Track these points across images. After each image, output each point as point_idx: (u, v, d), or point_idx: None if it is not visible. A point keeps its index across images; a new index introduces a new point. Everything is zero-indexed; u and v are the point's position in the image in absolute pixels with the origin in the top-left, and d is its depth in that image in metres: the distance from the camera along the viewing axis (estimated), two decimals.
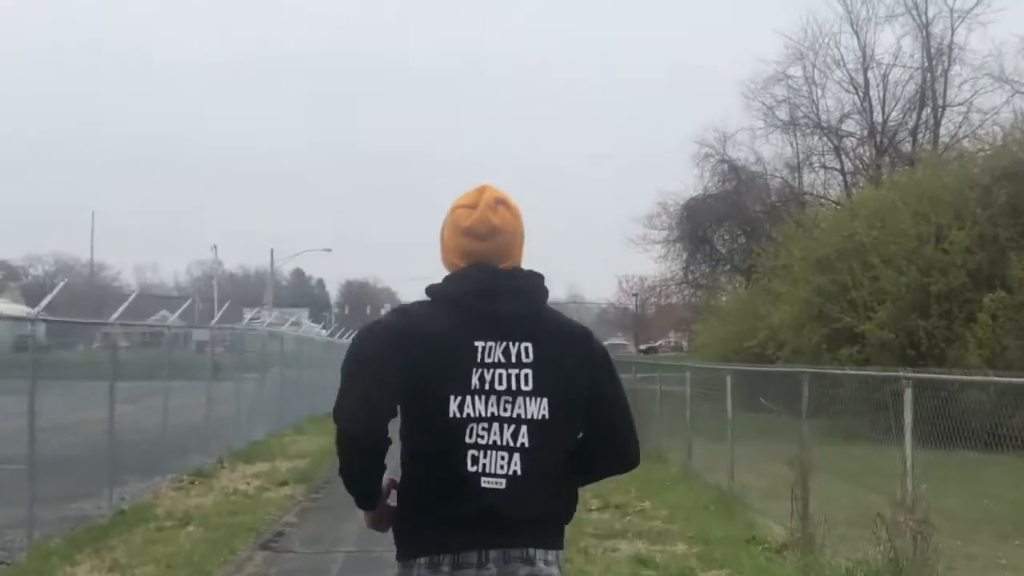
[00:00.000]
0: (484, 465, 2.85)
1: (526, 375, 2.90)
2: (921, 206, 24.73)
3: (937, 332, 23.08)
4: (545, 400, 2.90)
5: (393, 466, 2.97)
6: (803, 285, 26.15)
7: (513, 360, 2.91)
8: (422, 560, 2.86)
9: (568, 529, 3.11)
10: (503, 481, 2.85)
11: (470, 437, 2.85)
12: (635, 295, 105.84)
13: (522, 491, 2.85)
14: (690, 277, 44.92)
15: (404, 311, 3.03)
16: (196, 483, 14.82)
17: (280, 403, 23.78)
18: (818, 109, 40.34)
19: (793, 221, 30.69)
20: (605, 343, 3.68)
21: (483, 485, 2.84)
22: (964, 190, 24.50)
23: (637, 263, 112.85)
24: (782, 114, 40.65)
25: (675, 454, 16.51)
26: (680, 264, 45.77)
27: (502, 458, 2.86)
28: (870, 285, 24.06)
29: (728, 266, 44.61)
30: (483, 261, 3.00)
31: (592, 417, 3.04)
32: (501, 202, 3.06)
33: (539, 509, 2.90)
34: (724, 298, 38.54)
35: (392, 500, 3.05)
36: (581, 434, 3.06)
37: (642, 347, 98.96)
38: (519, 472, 2.85)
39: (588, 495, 13.74)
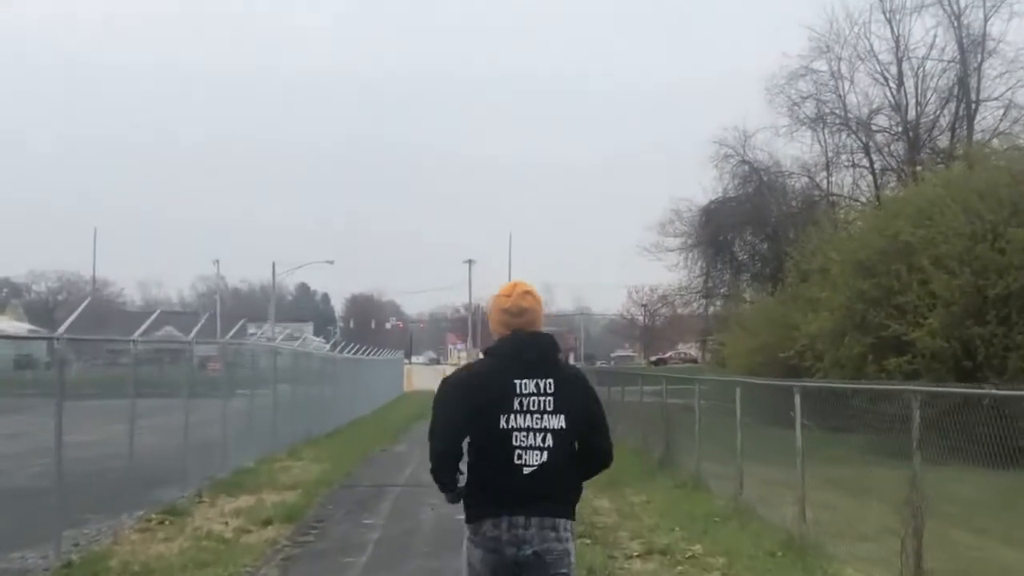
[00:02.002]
0: (525, 459, 4.62)
1: (550, 400, 4.69)
2: (972, 203, 22.56)
3: (995, 340, 20.89)
4: (563, 416, 4.69)
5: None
6: (843, 290, 23.96)
7: (542, 391, 4.70)
8: (488, 521, 4.63)
9: None
10: (536, 467, 4.61)
11: (516, 441, 4.63)
12: (644, 306, 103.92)
13: (548, 474, 4.61)
14: (710, 284, 42.67)
15: (468, 367, 5.12)
16: (166, 523, 12.70)
17: (273, 424, 21.61)
18: (845, 105, 38.23)
19: (830, 221, 28.50)
20: (612, 354, 44.64)
21: (524, 472, 4.61)
22: (1020, 185, 22.36)
23: (649, 273, 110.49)
24: (808, 110, 38.53)
25: (719, 483, 14.38)
26: (697, 271, 43.67)
27: (536, 454, 4.62)
28: (919, 289, 21.90)
29: (749, 273, 42.36)
30: (517, 330, 4.85)
31: (584, 429, 4.79)
32: (528, 293, 4.93)
33: (559, 488, 4.67)
34: (747, 306, 36.16)
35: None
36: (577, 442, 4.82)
37: (652, 359, 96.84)
38: (546, 461, 4.62)
39: (627, 536, 11.62)
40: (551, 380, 4.67)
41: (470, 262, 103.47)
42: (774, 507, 12.29)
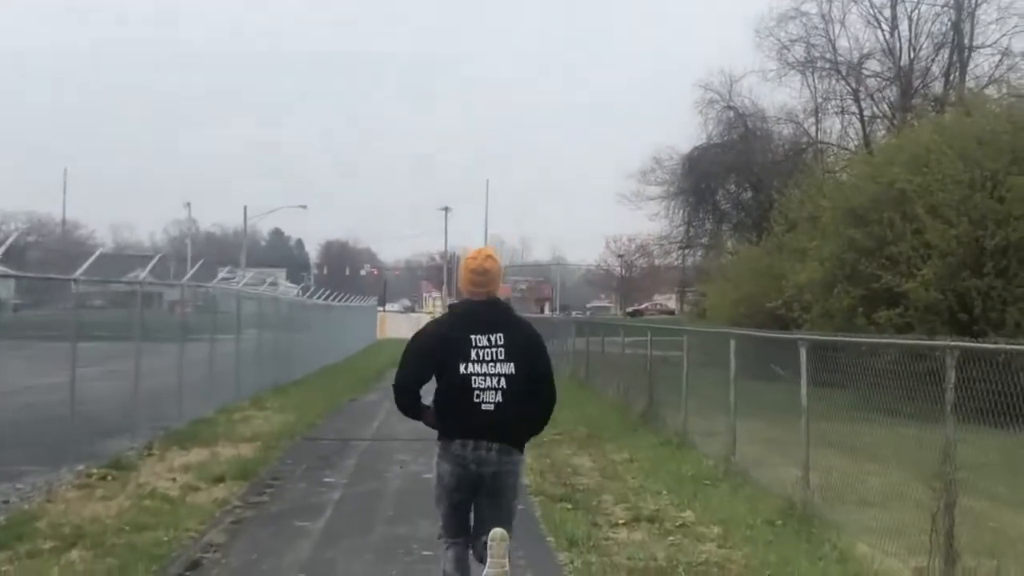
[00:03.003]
0: (483, 398, 5.76)
1: (500, 351, 5.83)
2: (970, 150, 21.56)
3: (993, 293, 19.99)
4: (512, 363, 5.82)
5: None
6: (833, 239, 22.99)
7: (493, 343, 5.85)
8: (457, 442, 5.81)
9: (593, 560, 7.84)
10: (492, 405, 5.77)
11: (475, 384, 5.76)
12: (620, 256, 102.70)
13: (502, 410, 5.76)
14: (691, 234, 41.55)
15: (435, 322, 6.35)
16: (108, 478, 11.67)
17: (236, 371, 20.51)
18: (835, 49, 36.89)
19: (821, 168, 27.41)
20: (588, 304, 57.39)
21: (483, 408, 5.76)
22: (1020, 132, 21.37)
23: (628, 223, 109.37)
24: (797, 54, 37.23)
25: (707, 442, 13.43)
26: (679, 220, 42.47)
27: (492, 394, 5.77)
28: (913, 239, 20.94)
29: (733, 221, 41.12)
30: (477, 290, 6.00)
31: (535, 372, 5.94)
32: (490, 257, 6.10)
33: (512, 421, 5.81)
34: (731, 256, 35.09)
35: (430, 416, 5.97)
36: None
37: (628, 310, 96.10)
38: (501, 401, 5.76)
39: (611, 500, 10.64)
40: (500, 335, 5.86)
41: (446, 209, 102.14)
42: (768, 468, 11.37)
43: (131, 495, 10.76)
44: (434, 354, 5.86)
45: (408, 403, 5.91)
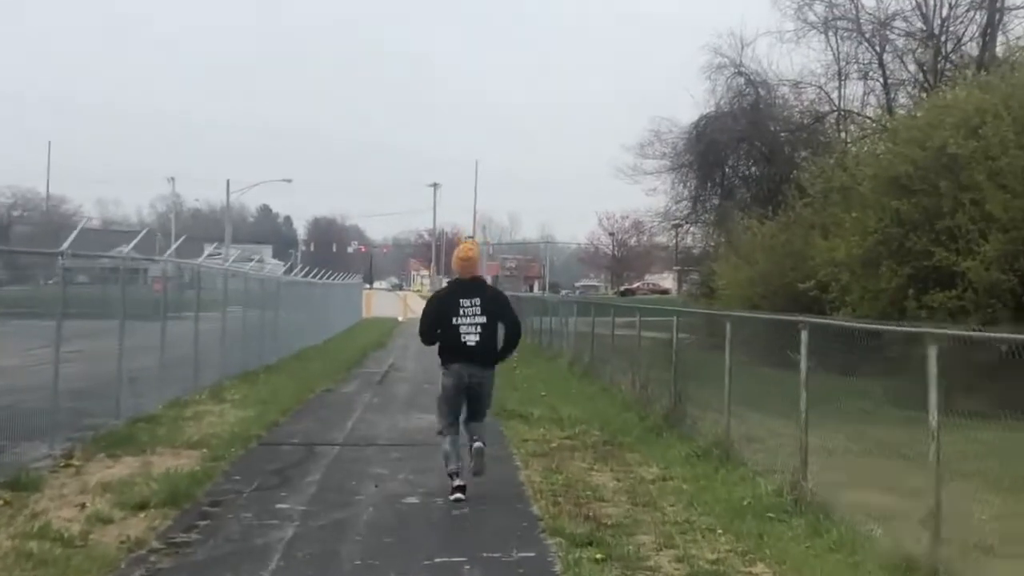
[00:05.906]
0: (467, 339, 9.89)
1: (477, 308, 9.95)
2: None
3: None
4: (485, 316, 9.96)
5: None
6: (876, 211, 20.34)
7: (473, 304, 9.95)
8: (454, 364, 9.94)
9: None
10: (473, 342, 9.90)
11: (462, 330, 9.90)
12: (612, 234, 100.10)
13: (480, 347, 9.93)
14: (698, 209, 38.67)
15: (439, 291, 11.36)
16: (1, 502, 9.01)
17: (194, 357, 17.82)
18: (858, 8, 33.86)
19: (845, 136, 24.67)
20: (576, 283, 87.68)
21: (467, 344, 9.90)
22: None
23: (617, 202, 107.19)
24: (818, 12, 34.14)
25: (757, 455, 10.82)
26: (682, 195, 39.52)
27: (473, 336, 9.89)
28: (972, 210, 18.32)
29: (736, 197, 38.11)
30: (464, 271, 10.17)
31: (502, 319, 10.26)
32: (471, 249, 10.47)
33: (487, 353, 10.02)
34: (745, 232, 32.25)
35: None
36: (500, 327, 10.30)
37: (620, 289, 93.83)
38: (478, 339, 9.91)
39: (651, 544, 7.97)
40: (478, 299, 9.90)
41: (435, 185, 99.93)
42: (849, 494, 8.80)
43: (18, 532, 8.09)
44: (438, 311, 10.03)
45: (428, 339, 10.09)
